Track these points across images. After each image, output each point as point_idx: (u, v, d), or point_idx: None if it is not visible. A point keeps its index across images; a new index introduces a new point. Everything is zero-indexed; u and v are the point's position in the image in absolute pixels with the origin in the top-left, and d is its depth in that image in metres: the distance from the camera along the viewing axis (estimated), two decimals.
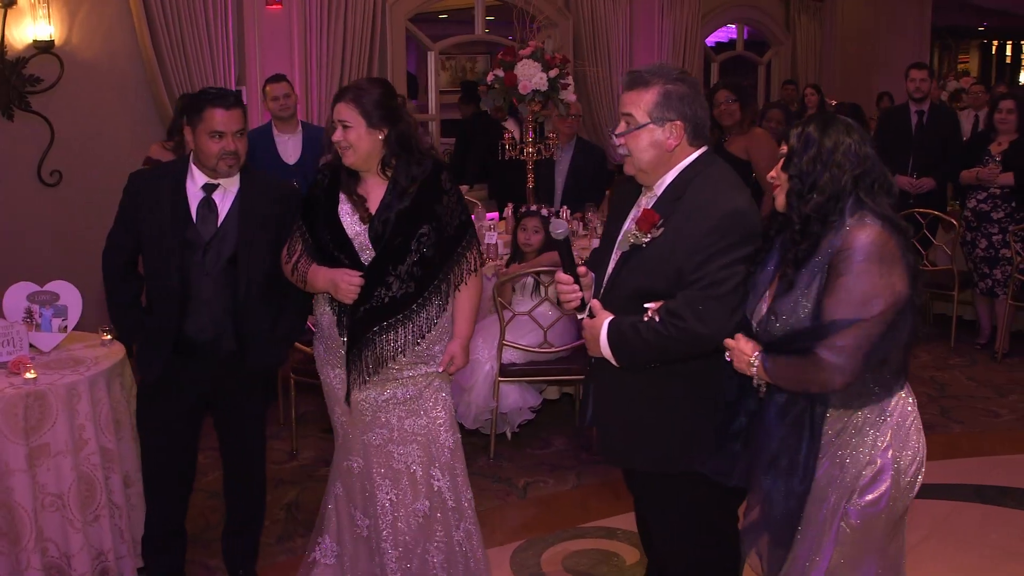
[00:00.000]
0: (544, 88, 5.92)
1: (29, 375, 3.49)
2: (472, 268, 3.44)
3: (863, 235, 2.42)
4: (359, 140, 3.26)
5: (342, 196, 3.34)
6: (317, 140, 6.23)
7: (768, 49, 12.23)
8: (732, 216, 2.66)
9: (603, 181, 7.06)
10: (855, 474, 2.54)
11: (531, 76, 5.91)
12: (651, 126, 2.78)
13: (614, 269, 2.88)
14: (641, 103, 2.79)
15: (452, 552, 3.47)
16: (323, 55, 7.49)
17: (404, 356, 3.33)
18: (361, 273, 3.26)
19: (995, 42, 22.56)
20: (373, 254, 3.29)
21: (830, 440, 2.57)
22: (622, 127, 2.83)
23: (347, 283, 3.24)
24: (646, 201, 2.87)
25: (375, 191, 3.34)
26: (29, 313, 3.81)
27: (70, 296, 3.92)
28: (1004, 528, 4.26)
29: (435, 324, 3.37)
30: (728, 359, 2.63)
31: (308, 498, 4.60)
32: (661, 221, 2.74)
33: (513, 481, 4.79)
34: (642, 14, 9.97)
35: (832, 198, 2.46)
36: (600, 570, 3.97)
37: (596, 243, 5.86)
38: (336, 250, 3.30)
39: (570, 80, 6.08)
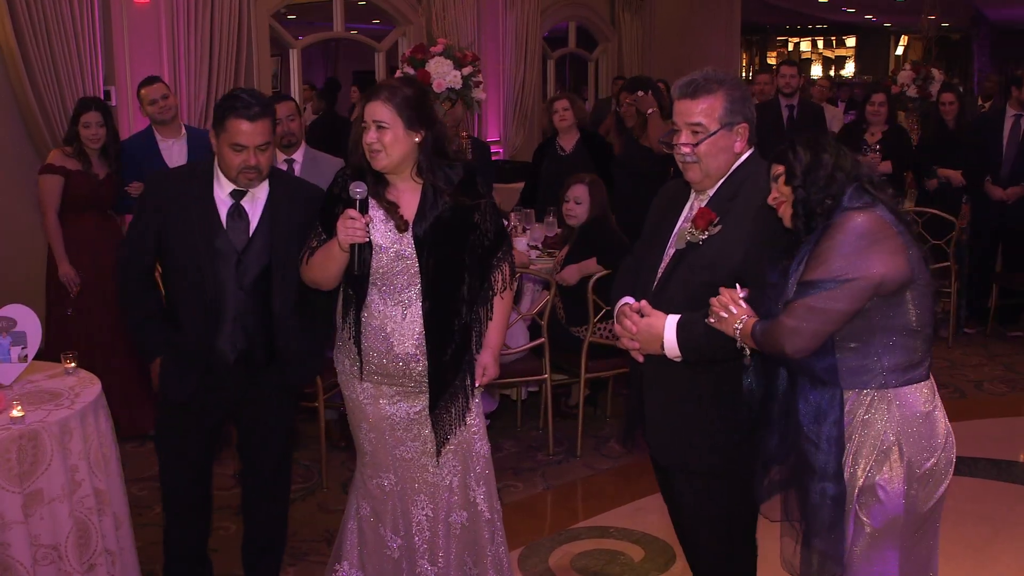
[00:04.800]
0: (459, 86, 5.83)
1: (16, 412, 3.07)
2: (509, 277, 3.32)
3: (857, 216, 2.47)
4: (395, 143, 3.05)
5: (371, 202, 3.13)
6: (205, 144, 5.80)
7: (597, 46, 12.54)
8: None
9: (490, 177, 7.02)
10: (866, 458, 2.54)
11: (444, 74, 5.80)
12: (723, 132, 2.78)
13: (668, 265, 2.86)
14: (710, 110, 2.77)
15: (487, 563, 3.35)
16: (191, 50, 7.05)
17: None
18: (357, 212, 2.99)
19: (777, 38, 24.09)
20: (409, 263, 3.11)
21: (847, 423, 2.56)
22: (688, 137, 2.79)
23: (343, 220, 2.96)
24: (698, 202, 2.89)
25: (407, 197, 3.14)
26: None
27: (28, 321, 3.49)
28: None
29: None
30: (711, 318, 2.62)
31: None
32: (718, 219, 2.77)
33: None
34: (488, 11, 10.01)
35: (837, 197, 2.52)
36: (612, 570, 3.95)
37: (522, 242, 5.92)
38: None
39: (481, 78, 6.01)
